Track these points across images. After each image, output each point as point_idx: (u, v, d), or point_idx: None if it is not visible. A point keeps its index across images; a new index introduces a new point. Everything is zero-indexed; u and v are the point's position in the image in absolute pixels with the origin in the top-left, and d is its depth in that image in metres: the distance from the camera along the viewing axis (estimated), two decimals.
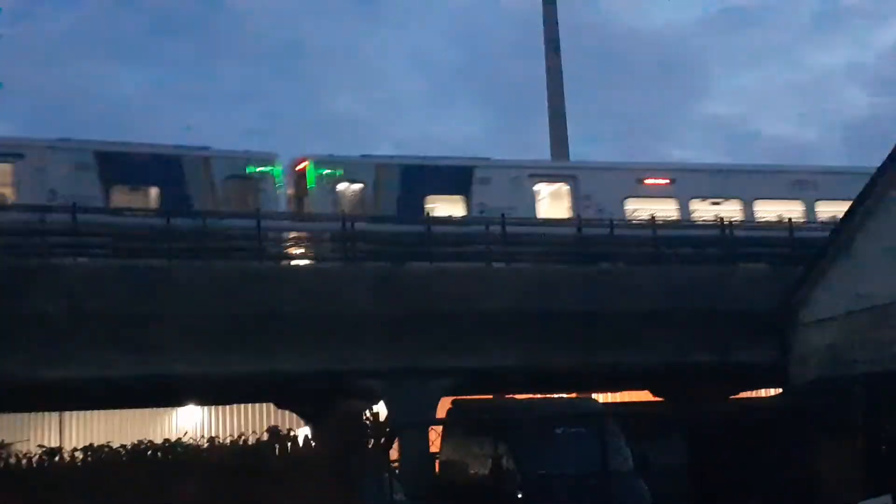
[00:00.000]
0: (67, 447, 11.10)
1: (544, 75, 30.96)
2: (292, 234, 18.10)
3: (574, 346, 17.78)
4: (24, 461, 7.78)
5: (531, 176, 21.34)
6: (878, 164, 16.29)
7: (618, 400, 22.39)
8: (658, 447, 15.97)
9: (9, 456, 7.91)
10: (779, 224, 20.61)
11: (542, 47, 31.14)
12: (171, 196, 18.52)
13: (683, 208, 21.09)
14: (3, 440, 7.26)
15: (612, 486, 14.13)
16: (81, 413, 22.67)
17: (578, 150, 32.23)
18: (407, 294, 16.59)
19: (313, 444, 14.62)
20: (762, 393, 21.72)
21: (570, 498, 14.25)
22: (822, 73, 69.80)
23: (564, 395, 20.84)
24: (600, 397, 21.66)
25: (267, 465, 7.86)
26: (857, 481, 12.22)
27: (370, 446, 14.22)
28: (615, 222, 19.47)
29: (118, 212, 17.39)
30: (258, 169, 20.07)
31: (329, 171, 20.60)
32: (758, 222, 21.27)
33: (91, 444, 10.71)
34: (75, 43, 69.61)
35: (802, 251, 18.83)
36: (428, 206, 20.56)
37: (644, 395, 21.55)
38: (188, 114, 65.77)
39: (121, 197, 18.51)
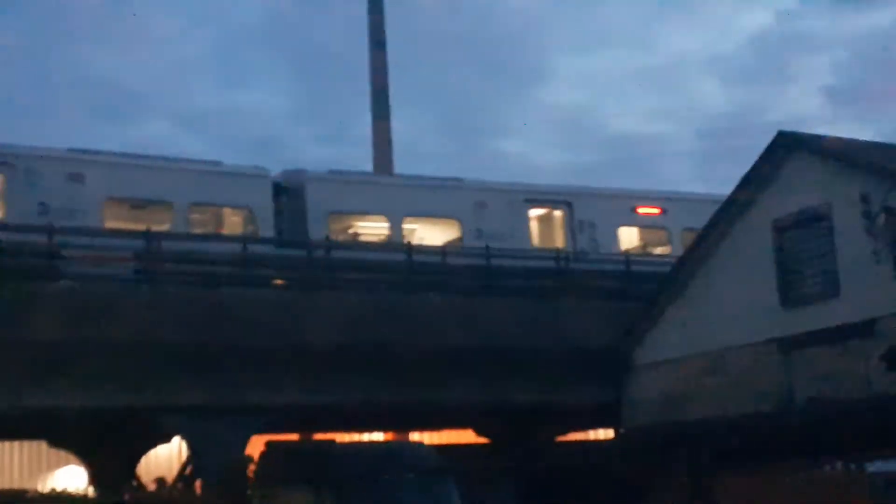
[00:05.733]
0: None
1: (364, 40, 24.53)
2: None
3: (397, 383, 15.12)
4: None
5: None
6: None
7: (439, 441, 19.66)
8: (488, 494, 15.42)
9: None
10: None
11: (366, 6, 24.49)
12: None
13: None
14: None
15: None
16: None
17: (401, 138, 24.61)
18: None
19: None
20: (591, 435, 19.84)
21: None
22: (676, 60, 59.36)
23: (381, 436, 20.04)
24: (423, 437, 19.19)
25: None
26: None
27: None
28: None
29: None
30: None
31: None
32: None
33: None
34: None
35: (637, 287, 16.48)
36: None
37: (467, 435, 19.42)
38: None
39: None
